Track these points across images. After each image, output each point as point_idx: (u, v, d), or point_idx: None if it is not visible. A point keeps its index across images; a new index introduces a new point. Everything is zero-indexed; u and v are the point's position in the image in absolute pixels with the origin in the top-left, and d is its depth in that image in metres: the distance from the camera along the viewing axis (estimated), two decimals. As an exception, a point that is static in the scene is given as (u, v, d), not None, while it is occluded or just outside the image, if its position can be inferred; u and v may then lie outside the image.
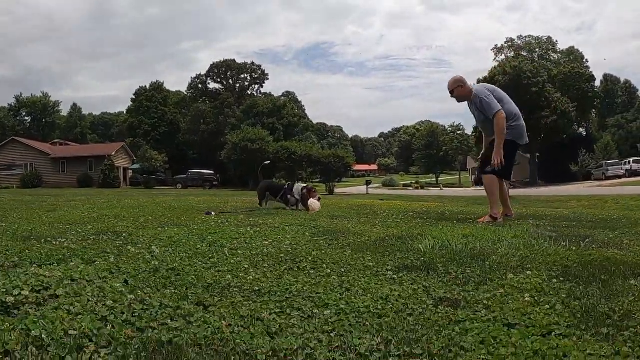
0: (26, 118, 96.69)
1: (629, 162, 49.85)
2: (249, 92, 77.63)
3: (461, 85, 6.48)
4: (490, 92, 6.35)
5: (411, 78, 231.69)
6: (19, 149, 54.42)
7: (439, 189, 55.18)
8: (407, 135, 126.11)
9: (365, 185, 46.14)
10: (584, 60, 68.01)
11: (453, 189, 60.88)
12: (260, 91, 78.92)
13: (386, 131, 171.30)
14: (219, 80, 77.53)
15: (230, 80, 77.45)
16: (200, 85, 77.83)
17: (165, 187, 49.93)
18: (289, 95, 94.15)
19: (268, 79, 79.35)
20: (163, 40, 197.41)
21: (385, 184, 76.88)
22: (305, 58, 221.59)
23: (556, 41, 72.55)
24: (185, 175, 53.71)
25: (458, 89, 6.48)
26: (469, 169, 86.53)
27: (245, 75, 77.97)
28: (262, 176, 13.60)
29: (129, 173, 58.09)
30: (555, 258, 3.39)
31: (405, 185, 75.80)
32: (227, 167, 56.20)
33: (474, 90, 6.42)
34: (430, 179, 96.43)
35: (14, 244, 3.94)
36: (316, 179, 51.34)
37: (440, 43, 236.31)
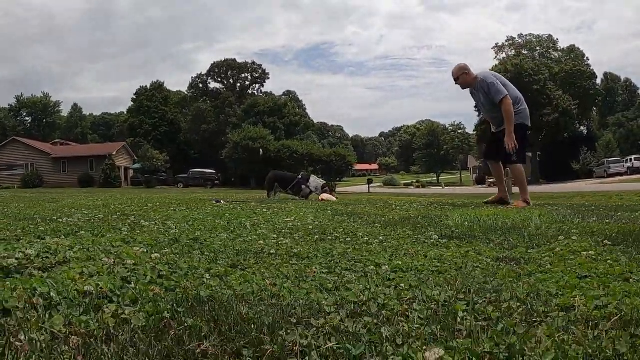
0: (27, 118, 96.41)
1: (631, 160, 49.74)
2: (250, 92, 77.31)
3: (466, 72, 6.66)
4: (496, 78, 6.54)
5: (411, 78, 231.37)
6: (19, 149, 54.19)
7: (441, 187, 54.99)
8: (408, 134, 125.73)
9: (367, 184, 45.90)
10: (585, 58, 67.70)
11: (454, 187, 60.67)
12: (261, 90, 78.67)
13: (386, 131, 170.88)
14: (219, 79, 77.21)
15: (231, 80, 77.14)
16: (201, 85, 77.52)
17: (166, 187, 49.75)
18: (290, 94, 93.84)
19: (269, 79, 79.09)
20: (163, 41, 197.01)
21: (386, 183, 76.69)
22: (306, 58, 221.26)
23: (557, 40, 72.34)
24: (186, 175, 53.51)
25: (463, 76, 6.65)
26: (470, 167, 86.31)
27: (246, 75, 77.66)
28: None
29: (130, 173, 57.89)
30: (592, 229, 3.27)
31: (406, 185, 75.58)
32: (228, 167, 56.01)
33: (479, 77, 6.59)
34: (431, 178, 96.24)
35: (16, 222, 3.68)
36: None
37: (440, 43, 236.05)
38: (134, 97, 72.30)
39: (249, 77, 78.18)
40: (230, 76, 77.29)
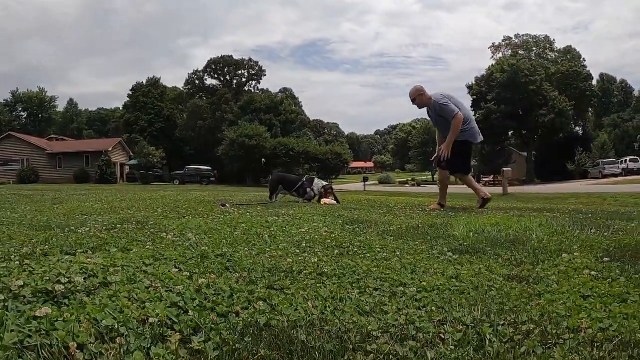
0: (22, 113, 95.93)
1: (626, 161, 50.11)
2: (247, 89, 77.32)
3: (422, 93, 7.42)
4: (448, 99, 7.26)
5: (407, 76, 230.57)
6: (15, 145, 54.07)
7: (436, 186, 55.23)
8: (403, 133, 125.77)
9: (363, 182, 46.06)
10: (582, 59, 68.06)
11: (450, 186, 60.80)
12: (257, 87, 78.68)
13: (382, 129, 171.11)
14: (216, 76, 77.16)
15: (227, 77, 77.11)
16: (197, 81, 77.45)
17: (162, 183, 49.76)
18: (287, 91, 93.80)
19: (265, 75, 79.08)
20: (160, 37, 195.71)
21: (382, 181, 76.75)
22: (302, 55, 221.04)
23: (553, 40, 72.73)
24: (182, 171, 53.58)
25: (419, 97, 7.42)
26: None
27: (243, 72, 77.64)
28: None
29: (126, 169, 57.87)
30: (591, 243, 3.45)
31: (402, 183, 75.72)
32: (224, 163, 56.04)
33: (433, 98, 7.32)
34: (427, 176, 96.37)
35: (35, 233, 3.72)
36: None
37: (436, 41, 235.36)
38: (130, 93, 72.13)
39: (246, 74, 78.13)
40: (226, 73, 77.22)
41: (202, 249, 2.93)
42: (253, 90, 76.77)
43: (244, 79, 78.02)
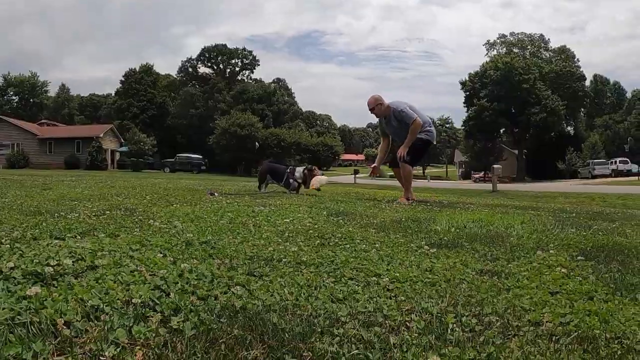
0: (13, 97, 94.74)
1: (616, 162, 50.62)
2: (240, 78, 77.15)
3: (380, 103, 7.72)
4: (408, 105, 7.60)
5: (401, 70, 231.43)
6: (6, 129, 53.60)
7: (427, 180, 55.40)
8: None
9: (353, 175, 46.18)
10: (576, 59, 68.32)
11: (440, 181, 61.21)
12: (250, 77, 78.51)
13: (374, 122, 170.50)
14: (209, 64, 76.94)
15: (220, 65, 76.88)
16: (190, 69, 77.19)
17: (153, 171, 49.61)
18: (280, 82, 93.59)
19: (259, 65, 78.94)
20: (154, 24, 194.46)
21: (373, 175, 76.74)
22: (297, 46, 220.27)
23: (548, 39, 72.90)
24: (173, 159, 53.51)
25: (378, 106, 7.71)
26: (456, 162, 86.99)
27: (236, 61, 77.45)
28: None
29: (117, 156, 57.62)
30: (569, 241, 3.55)
31: (392, 176, 75.72)
32: (216, 152, 55.95)
33: (391, 106, 7.61)
34: (417, 170, 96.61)
35: (25, 217, 3.80)
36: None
37: (431, 36, 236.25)
38: (123, 79, 71.70)
39: (239, 63, 77.94)
40: (220, 61, 76.96)
41: (188, 236, 3.03)
42: (246, 80, 76.61)
43: (237, 68, 77.85)
